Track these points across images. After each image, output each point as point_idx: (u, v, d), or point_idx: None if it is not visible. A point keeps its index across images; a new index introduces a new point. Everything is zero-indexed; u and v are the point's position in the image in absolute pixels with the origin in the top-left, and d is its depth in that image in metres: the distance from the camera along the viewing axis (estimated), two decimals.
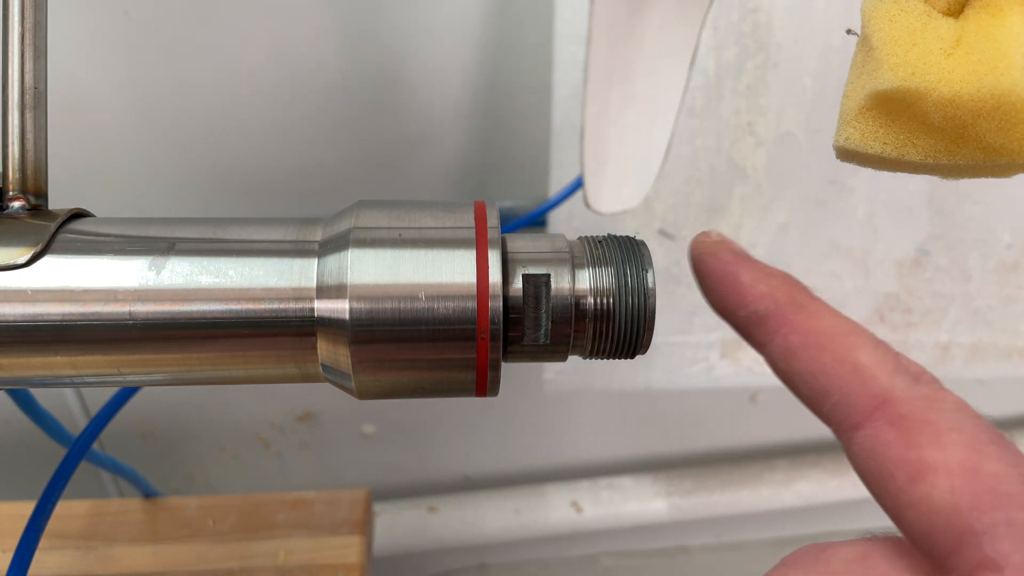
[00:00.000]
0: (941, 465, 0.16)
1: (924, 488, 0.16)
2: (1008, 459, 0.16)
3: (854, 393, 0.18)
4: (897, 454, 0.17)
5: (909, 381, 0.18)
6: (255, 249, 0.23)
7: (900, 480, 0.16)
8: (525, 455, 0.81)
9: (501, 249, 0.23)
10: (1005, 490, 0.15)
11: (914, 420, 0.17)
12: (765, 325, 0.20)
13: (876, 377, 0.18)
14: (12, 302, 0.21)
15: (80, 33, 0.47)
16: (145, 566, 0.50)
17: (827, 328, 0.19)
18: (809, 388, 0.19)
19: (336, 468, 0.77)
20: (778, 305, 0.20)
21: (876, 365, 0.18)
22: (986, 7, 0.21)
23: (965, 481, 0.16)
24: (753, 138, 0.56)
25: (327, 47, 0.49)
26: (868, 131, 0.23)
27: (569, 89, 0.51)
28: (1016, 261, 0.64)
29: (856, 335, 0.19)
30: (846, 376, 0.18)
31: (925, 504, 0.16)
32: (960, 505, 0.15)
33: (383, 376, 0.23)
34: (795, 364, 0.19)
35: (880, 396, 0.17)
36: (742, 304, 0.20)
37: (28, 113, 0.24)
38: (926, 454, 0.16)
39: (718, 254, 0.21)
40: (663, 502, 0.80)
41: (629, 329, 0.24)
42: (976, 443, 0.16)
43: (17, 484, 0.70)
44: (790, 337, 0.19)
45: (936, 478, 0.16)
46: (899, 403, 0.17)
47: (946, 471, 0.16)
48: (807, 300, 0.20)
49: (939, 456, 0.16)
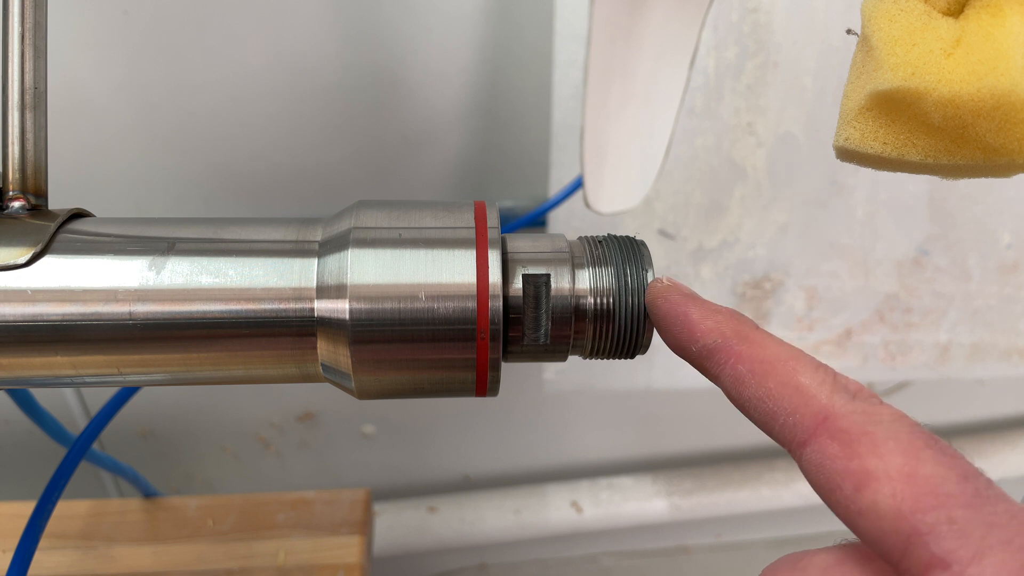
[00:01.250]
0: (882, 472, 0.17)
1: (869, 495, 0.17)
2: (945, 462, 0.17)
3: (798, 412, 0.19)
4: (841, 465, 0.18)
5: (847, 398, 0.19)
6: (255, 249, 0.23)
7: (847, 489, 0.17)
8: (525, 455, 0.81)
9: (501, 249, 0.23)
10: (944, 491, 0.16)
11: (854, 433, 0.18)
12: (715, 357, 0.21)
13: (817, 396, 0.19)
14: (12, 302, 0.21)
15: (80, 33, 0.47)
16: (145, 566, 0.50)
17: (770, 356, 0.20)
18: (759, 412, 0.20)
19: (336, 468, 0.77)
20: (725, 338, 0.21)
21: (816, 385, 0.19)
22: (986, 7, 0.21)
23: (906, 485, 0.17)
24: (753, 138, 0.56)
25: (327, 47, 0.49)
26: (868, 131, 0.23)
27: (569, 89, 0.51)
28: (1016, 261, 0.64)
29: (797, 360, 0.20)
30: (790, 397, 0.19)
31: (872, 511, 0.17)
32: (903, 509, 0.16)
33: (383, 376, 0.23)
34: (744, 391, 0.20)
35: (822, 413, 0.19)
36: (693, 339, 0.22)
37: (28, 113, 0.24)
38: (867, 463, 0.17)
39: (668, 297, 0.23)
40: (663, 502, 0.80)
41: (629, 329, 0.24)
42: (912, 449, 0.17)
43: (17, 484, 0.70)
44: (737, 366, 0.20)
45: (879, 485, 0.17)
46: (839, 418, 0.18)
47: (887, 478, 0.17)
48: (751, 332, 0.21)
49: (879, 464, 0.17)
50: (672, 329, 0.22)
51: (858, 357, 0.66)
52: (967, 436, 0.86)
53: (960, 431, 0.87)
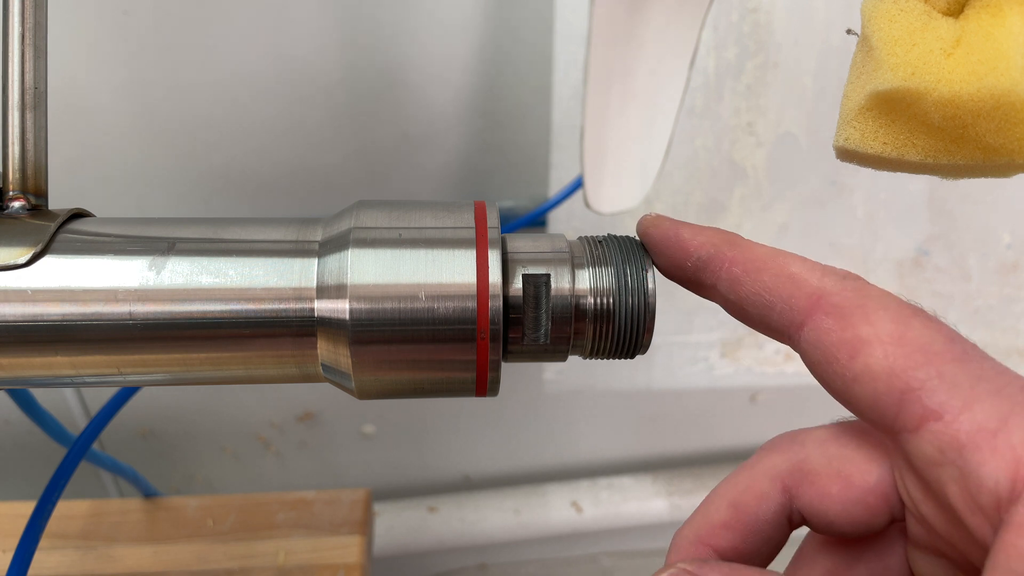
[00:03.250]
0: (874, 338, 0.18)
1: (863, 360, 0.18)
2: (932, 326, 0.18)
3: (793, 298, 0.20)
4: (836, 337, 0.19)
5: (838, 279, 0.20)
6: (255, 249, 0.23)
7: (843, 358, 0.19)
8: (525, 455, 0.81)
9: (501, 249, 0.23)
10: (933, 349, 0.18)
11: (846, 307, 0.19)
12: (710, 266, 0.22)
13: (808, 280, 0.20)
14: (12, 302, 0.21)
15: (80, 33, 0.47)
16: (145, 566, 0.50)
17: (761, 254, 0.21)
18: (757, 308, 0.21)
19: (336, 468, 0.77)
20: (716, 247, 0.22)
21: (807, 272, 0.20)
22: (986, 7, 0.21)
23: (896, 347, 0.18)
24: (753, 138, 0.56)
25: (327, 48, 0.49)
26: (868, 131, 0.23)
27: (569, 89, 0.51)
28: (1016, 261, 0.64)
29: (785, 255, 0.21)
30: (784, 286, 0.20)
31: (866, 374, 0.18)
32: (895, 367, 0.18)
33: (383, 376, 0.23)
34: (741, 290, 0.21)
35: (815, 294, 0.20)
36: (687, 255, 0.23)
37: (28, 113, 0.24)
38: (860, 331, 0.18)
39: (659, 224, 0.24)
40: (663, 502, 0.80)
41: (629, 329, 0.24)
42: (901, 316, 0.18)
43: (17, 484, 0.70)
44: (732, 269, 0.22)
45: (871, 349, 0.18)
46: (832, 295, 0.20)
47: (879, 342, 0.18)
48: (738, 239, 0.22)
49: (871, 331, 0.18)
50: (667, 251, 0.23)
51: None
52: None
53: None
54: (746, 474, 0.21)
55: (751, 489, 0.21)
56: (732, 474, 0.22)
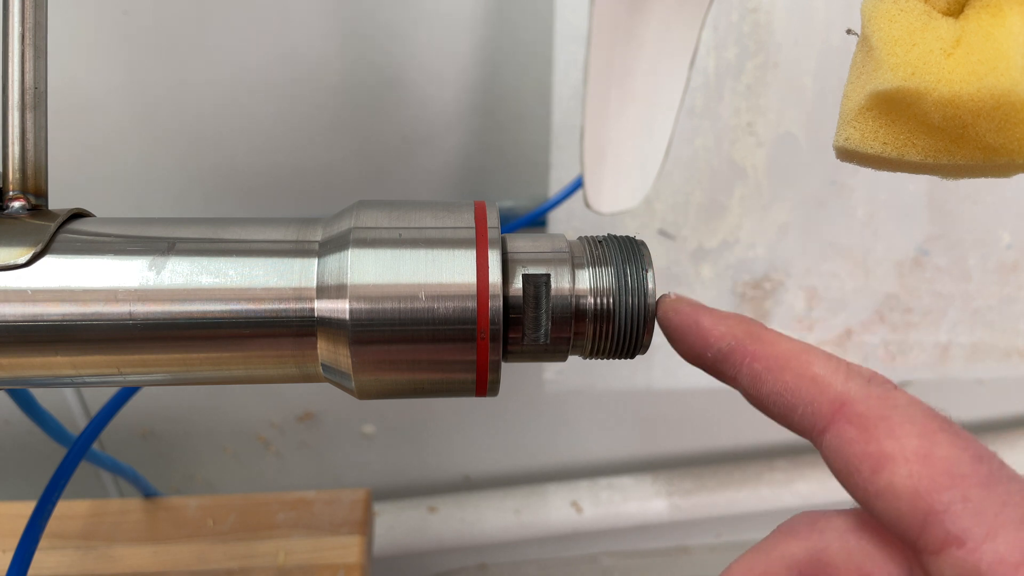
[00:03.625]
0: (899, 454, 0.18)
1: (886, 476, 0.18)
2: (959, 444, 0.18)
3: (816, 401, 0.20)
4: (859, 449, 0.18)
5: (862, 383, 0.20)
6: (255, 249, 0.23)
7: (865, 472, 0.18)
8: (525, 455, 0.81)
9: (501, 249, 0.23)
10: (958, 471, 0.17)
11: (870, 417, 0.19)
12: (731, 359, 0.22)
13: (832, 384, 0.20)
14: (12, 302, 0.21)
15: (80, 33, 0.47)
16: (145, 566, 0.50)
17: (783, 351, 0.21)
18: (778, 406, 0.21)
19: (336, 468, 0.77)
20: (738, 340, 0.22)
21: (831, 374, 0.20)
22: (986, 7, 0.21)
23: (921, 466, 0.17)
24: (753, 138, 0.56)
25: (327, 47, 0.49)
26: (868, 131, 0.23)
27: (569, 89, 0.51)
28: (1016, 261, 0.64)
29: (809, 352, 0.21)
30: (807, 388, 0.20)
31: (889, 491, 0.18)
32: (920, 488, 0.17)
33: (383, 376, 0.23)
34: (762, 387, 0.21)
35: (838, 400, 0.19)
36: (707, 345, 0.22)
37: (28, 113, 0.24)
38: (884, 446, 0.18)
39: (679, 309, 0.23)
40: (663, 502, 0.80)
41: (629, 329, 0.24)
42: (927, 432, 0.18)
43: (17, 484, 0.70)
44: (753, 365, 0.21)
45: (895, 466, 0.18)
46: (856, 403, 0.19)
47: (903, 459, 0.18)
48: (762, 331, 0.22)
49: (896, 446, 0.18)
50: (686, 339, 0.23)
51: (858, 357, 0.66)
52: None
53: None
54: (762, 559, 0.20)
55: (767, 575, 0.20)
56: (747, 555, 0.21)
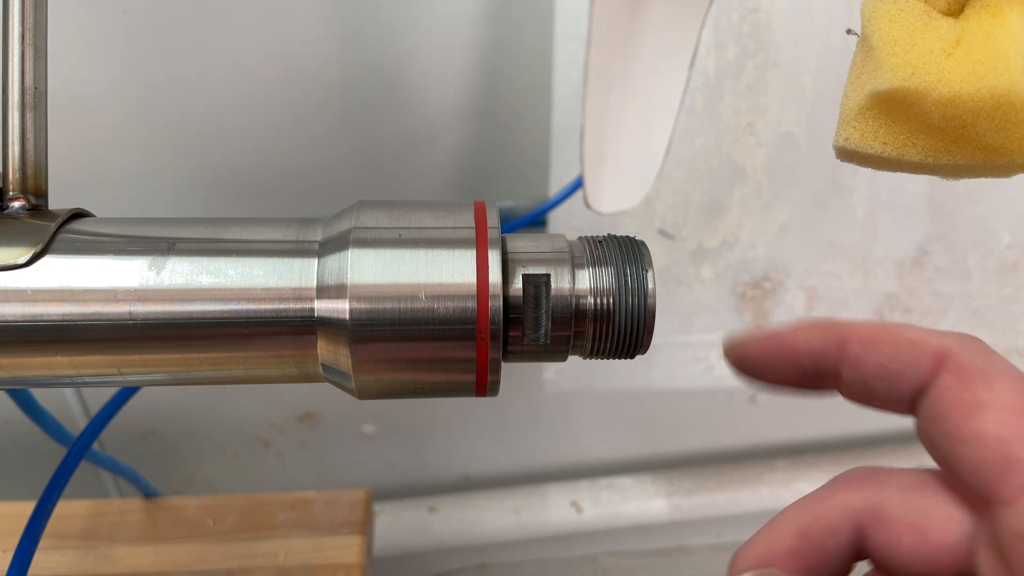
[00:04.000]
0: (992, 403, 0.18)
1: (976, 423, 0.18)
2: None
3: (919, 361, 0.20)
4: (954, 396, 0.19)
5: (958, 339, 0.20)
6: (255, 249, 0.23)
7: (956, 418, 0.18)
8: (525, 455, 0.81)
9: (501, 249, 0.23)
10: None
11: (969, 368, 0.19)
12: (827, 355, 0.22)
13: (928, 342, 0.20)
14: (12, 302, 0.21)
15: (80, 33, 0.47)
16: (145, 566, 0.50)
17: (871, 329, 0.21)
18: (884, 381, 0.21)
19: (336, 468, 0.77)
20: (825, 334, 0.22)
21: (925, 335, 0.20)
22: (986, 7, 0.21)
23: (1012, 416, 0.18)
24: (753, 138, 0.56)
25: (327, 47, 0.49)
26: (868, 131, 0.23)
27: (569, 89, 0.51)
28: (1016, 261, 0.64)
29: (895, 324, 0.21)
30: (907, 352, 0.20)
31: (976, 437, 0.18)
32: (1007, 436, 0.18)
33: (383, 376, 0.23)
34: (866, 367, 0.21)
35: (940, 353, 0.20)
36: (799, 354, 0.22)
37: (28, 113, 0.24)
38: (979, 394, 0.18)
39: (756, 338, 0.23)
40: (663, 502, 0.80)
41: (629, 329, 0.24)
42: (1021, 387, 0.18)
43: (17, 484, 0.70)
44: (851, 348, 0.21)
45: (987, 414, 0.18)
46: (957, 355, 0.19)
47: (996, 408, 0.18)
48: (837, 322, 0.22)
49: (991, 396, 0.18)
50: (776, 361, 0.22)
51: None
52: None
53: None
54: (817, 504, 0.21)
55: (821, 521, 0.20)
56: (801, 501, 0.21)
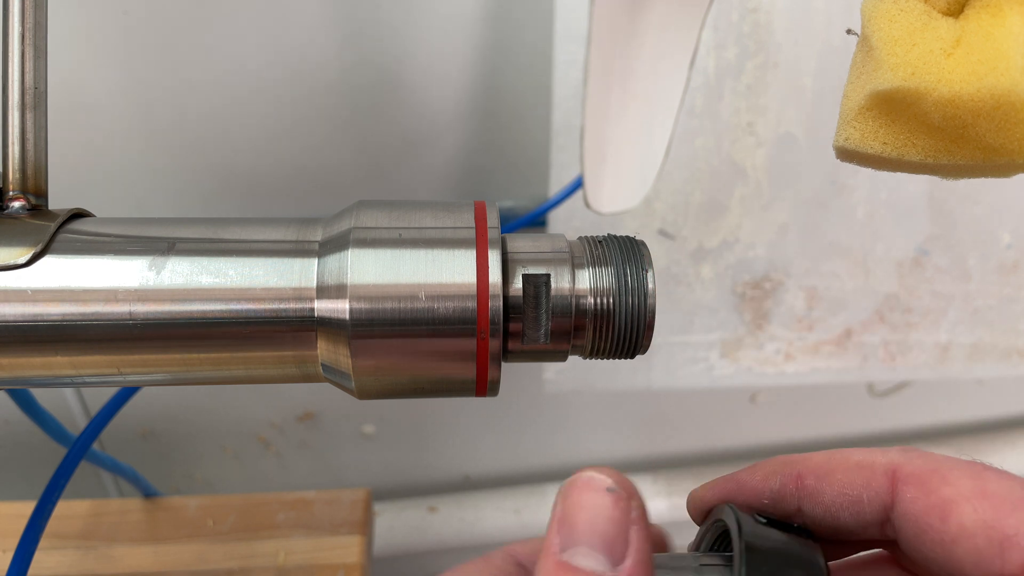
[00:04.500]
0: (959, 496, 0.19)
1: (955, 519, 0.19)
2: (1005, 477, 0.19)
3: (873, 480, 0.21)
4: (923, 504, 0.20)
5: (900, 452, 0.21)
6: (255, 249, 0.23)
7: (935, 522, 0.19)
8: (525, 455, 0.81)
9: (501, 249, 0.23)
10: (1015, 497, 0.19)
11: (922, 474, 0.20)
12: (785, 492, 0.22)
13: (876, 460, 0.21)
14: (12, 302, 0.21)
15: (80, 33, 0.47)
16: (145, 566, 0.50)
17: (819, 459, 0.22)
18: (845, 507, 0.21)
19: (336, 468, 0.77)
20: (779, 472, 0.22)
21: (870, 455, 0.21)
22: (986, 7, 0.21)
23: (982, 502, 0.19)
24: (753, 138, 0.56)
25: (327, 47, 0.49)
26: (868, 131, 0.23)
27: (569, 89, 0.51)
28: (1016, 261, 0.64)
29: (840, 451, 0.22)
30: (859, 474, 0.21)
31: (962, 533, 0.19)
32: (987, 520, 0.18)
33: (383, 376, 0.23)
34: (824, 497, 0.21)
35: (890, 468, 0.21)
36: (760, 495, 0.23)
37: (28, 113, 0.24)
38: (944, 493, 0.19)
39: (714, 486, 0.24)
40: (663, 502, 0.80)
41: (629, 329, 0.24)
42: (974, 473, 0.19)
43: (17, 484, 0.70)
44: (806, 483, 0.22)
45: (960, 508, 0.19)
46: (905, 465, 0.20)
47: (965, 499, 0.19)
48: (789, 458, 0.23)
49: (954, 491, 0.19)
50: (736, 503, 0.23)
51: (858, 357, 0.66)
52: (967, 436, 0.86)
53: (960, 431, 0.87)
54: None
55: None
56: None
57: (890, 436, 0.85)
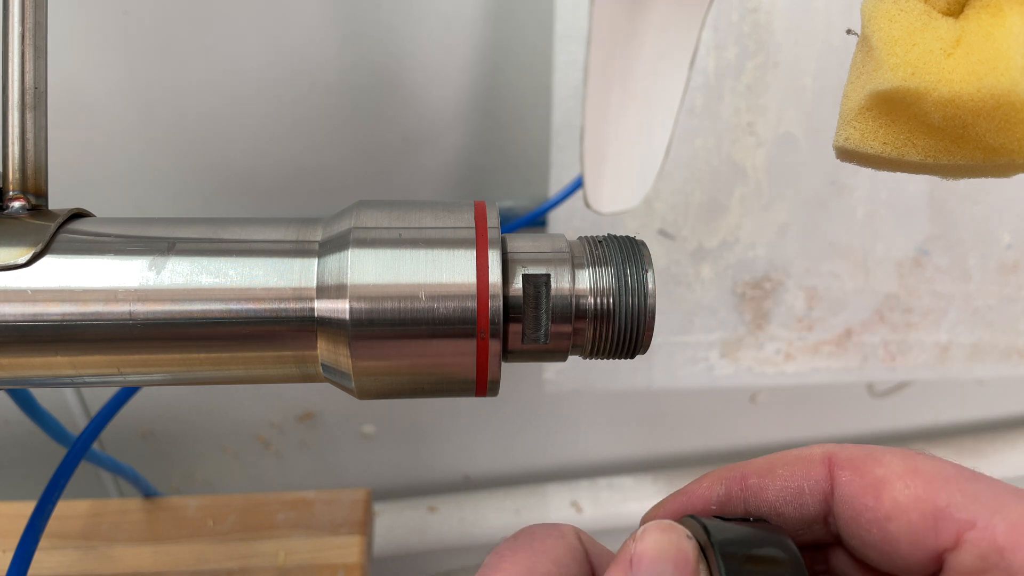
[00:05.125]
0: (892, 475, 0.20)
1: (888, 496, 0.20)
2: (936, 459, 0.20)
3: (810, 471, 0.22)
4: (858, 484, 0.20)
5: (836, 445, 0.22)
6: (255, 249, 0.23)
7: (870, 502, 0.20)
8: (525, 455, 0.81)
9: (501, 249, 0.23)
10: (945, 475, 0.19)
11: (857, 458, 0.21)
12: (731, 495, 0.23)
13: (813, 452, 0.22)
14: (12, 302, 0.21)
15: (80, 33, 0.47)
16: (145, 566, 0.50)
17: (763, 461, 0.23)
18: (790, 500, 0.22)
19: (336, 468, 0.77)
20: (726, 479, 0.23)
21: (808, 450, 0.22)
22: (986, 7, 0.21)
23: (914, 479, 0.20)
24: (753, 138, 0.56)
25: (327, 47, 0.49)
26: (868, 131, 0.23)
27: (569, 89, 0.51)
28: (1016, 261, 0.64)
29: (783, 452, 0.23)
30: (798, 468, 0.22)
31: (896, 509, 0.19)
32: (920, 495, 0.19)
33: (383, 376, 0.23)
34: (768, 493, 0.22)
35: (826, 457, 0.22)
36: (708, 503, 0.23)
37: (28, 113, 0.24)
38: (877, 473, 0.20)
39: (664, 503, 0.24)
40: None
41: (629, 329, 0.24)
42: (907, 456, 0.20)
43: (17, 484, 0.70)
44: (749, 482, 0.22)
45: (892, 485, 0.20)
46: (839, 453, 0.21)
47: (897, 477, 0.20)
48: (736, 464, 0.23)
49: (886, 471, 0.20)
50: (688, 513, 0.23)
51: (858, 357, 0.66)
52: (967, 436, 0.86)
53: (960, 431, 0.87)
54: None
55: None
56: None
57: (890, 436, 0.85)
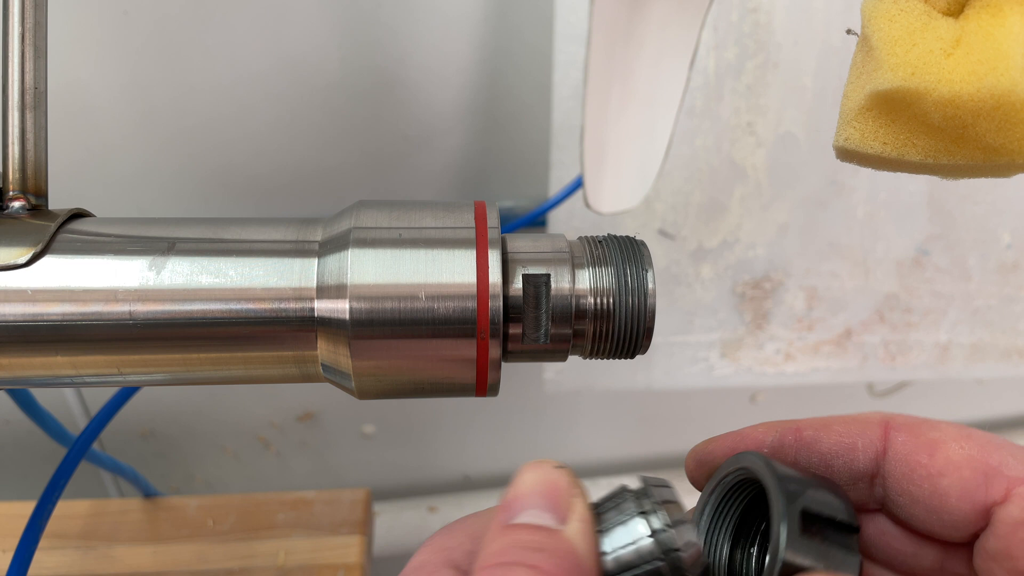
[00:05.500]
0: (947, 437, 0.21)
1: (943, 454, 0.21)
2: (985, 432, 0.22)
3: (867, 431, 0.23)
4: (913, 443, 0.22)
5: (891, 413, 0.23)
6: (255, 249, 0.23)
7: (924, 459, 0.21)
8: (525, 455, 0.81)
9: (501, 249, 0.23)
10: (996, 443, 0.21)
11: (912, 423, 0.22)
12: (783, 444, 0.24)
13: (870, 416, 0.23)
14: (12, 302, 0.21)
15: (80, 33, 0.47)
16: (145, 566, 0.50)
17: (818, 419, 0.24)
18: (841, 454, 0.23)
19: (336, 468, 0.77)
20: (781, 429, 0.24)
21: (865, 414, 0.23)
22: (986, 7, 0.21)
23: (968, 441, 0.21)
24: (753, 138, 0.56)
25: (328, 48, 0.49)
26: (868, 131, 0.23)
27: (569, 89, 0.51)
28: (1016, 261, 0.64)
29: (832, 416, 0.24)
30: (854, 427, 0.23)
31: (949, 465, 0.21)
32: (973, 455, 0.21)
33: (383, 376, 0.23)
34: (822, 446, 0.23)
35: (883, 421, 0.23)
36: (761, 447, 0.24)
37: (28, 113, 0.24)
38: (932, 435, 0.22)
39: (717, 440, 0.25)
40: None
41: (629, 329, 0.24)
42: (960, 426, 0.22)
43: (17, 484, 0.70)
44: (805, 434, 0.23)
45: (947, 446, 0.21)
46: (897, 417, 0.23)
47: (951, 439, 0.21)
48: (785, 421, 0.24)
49: (941, 434, 0.22)
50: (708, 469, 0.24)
51: (858, 357, 0.66)
52: None
53: None
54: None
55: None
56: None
57: None
